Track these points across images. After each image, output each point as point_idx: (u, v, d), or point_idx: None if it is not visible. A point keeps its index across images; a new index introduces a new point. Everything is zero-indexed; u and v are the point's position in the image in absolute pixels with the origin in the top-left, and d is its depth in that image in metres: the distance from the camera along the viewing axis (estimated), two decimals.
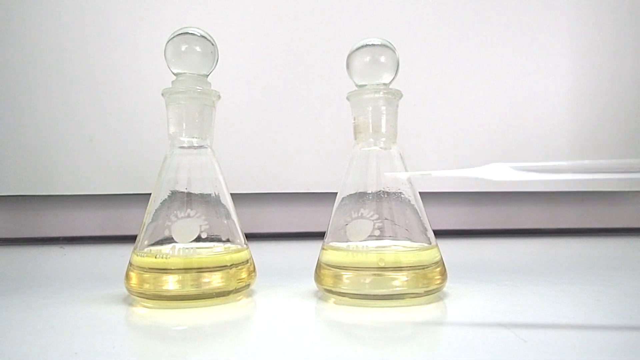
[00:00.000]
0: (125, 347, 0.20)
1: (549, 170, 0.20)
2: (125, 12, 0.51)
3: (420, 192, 0.28)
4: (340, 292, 0.25)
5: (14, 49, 0.50)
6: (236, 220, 0.28)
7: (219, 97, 0.27)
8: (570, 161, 0.20)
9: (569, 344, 0.19)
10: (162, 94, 0.27)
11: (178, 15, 0.52)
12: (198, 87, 0.26)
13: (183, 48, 0.26)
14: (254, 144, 0.53)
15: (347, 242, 0.26)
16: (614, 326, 0.22)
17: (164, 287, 0.25)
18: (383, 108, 0.27)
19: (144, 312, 0.25)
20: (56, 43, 0.50)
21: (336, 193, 0.28)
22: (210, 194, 0.27)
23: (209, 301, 0.25)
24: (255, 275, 0.28)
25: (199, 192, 0.27)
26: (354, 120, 0.28)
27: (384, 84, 0.27)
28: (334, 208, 0.28)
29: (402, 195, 0.27)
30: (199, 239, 0.26)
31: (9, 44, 0.50)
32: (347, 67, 0.27)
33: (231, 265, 0.26)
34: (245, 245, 0.28)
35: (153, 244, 0.26)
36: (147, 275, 0.25)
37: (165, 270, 0.25)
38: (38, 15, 0.50)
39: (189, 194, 0.26)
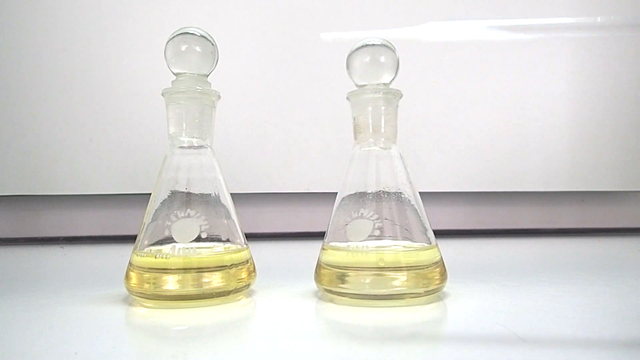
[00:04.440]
0: (125, 347, 0.20)
1: None
2: (125, 12, 0.51)
3: (420, 192, 0.28)
4: (340, 292, 0.25)
5: (14, 49, 0.50)
6: (236, 220, 0.28)
7: (219, 97, 0.27)
8: None
9: (568, 344, 0.19)
10: (162, 94, 0.27)
11: (178, 15, 0.52)
12: (198, 87, 0.26)
13: (183, 48, 0.26)
14: (254, 144, 0.53)
15: (347, 242, 0.26)
16: (613, 326, 0.22)
17: (164, 287, 0.25)
18: (383, 108, 0.27)
19: (144, 312, 0.25)
20: (56, 43, 0.50)
21: (336, 193, 0.28)
22: (210, 194, 0.27)
23: (209, 301, 0.25)
24: (255, 275, 0.28)
25: (199, 192, 0.27)
26: (354, 120, 0.28)
27: (384, 84, 0.27)
28: (334, 208, 0.28)
29: (402, 195, 0.27)
30: (199, 239, 0.26)
31: (9, 44, 0.50)
32: (347, 67, 0.27)
33: (231, 265, 0.26)
34: (245, 245, 0.28)
35: (153, 244, 0.26)
36: (147, 275, 0.25)
37: (165, 270, 0.25)
38: (38, 16, 0.50)
39: (188, 194, 0.26)
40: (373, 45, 0.27)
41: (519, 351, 0.19)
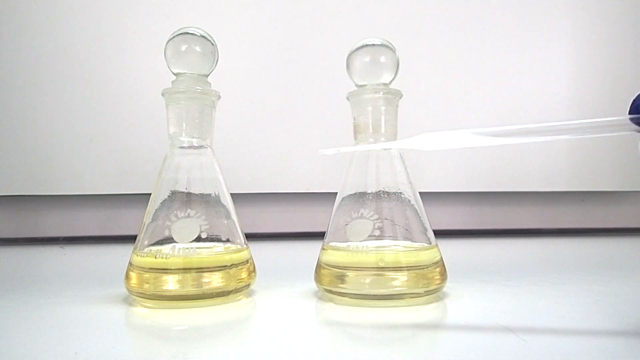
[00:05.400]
0: (125, 347, 0.20)
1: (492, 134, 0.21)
2: (126, 12, 0.51)
3: (420, 192, 0.28)
4: (340, 292, 0.25)
5: (14, 49, 0.50)
6: (236, 220, 0.28)
7: (219, 97, 0.27)
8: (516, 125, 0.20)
9: (568, 344, 0.19)
10: (162, 94, 0.27)
11: (178, 15, 0.52)
12: (198, 87, 0.26)
13: (183, 48, 0.26)
14: (254, 144, 0.53)
15: (347, 242, 0.26)
16: (613, 326, 0.22)
17: (164, 287, 0.25)
18: (383, 108, 0.27)
19: (144, 312, 0.25)
20: (56, 43, 0.50)
21: (336, 193, 0.28)
22: (210, 194, 0.27)
23: (209, 301, 0.25)
24: (255, 275, 0.28)
25: (199, 192, 0.27)
26: (354, 120, 0.28)
27: (384, 84, 0.27)
28: (334, 208, 0.28)
29: (402, 195, 0.27)
30: (199, 239, 0.26)
31: (9, 44, 0.50)
32: (347, 67, 0.27)
33: (231, 265, 0.26)
34: (245, 245, 0.28)
35: (153, 244, 0.26)
36: (147, 275, 0.25)
37: (165, 270, 0.25)
38: (38, 16, 0.50)
39: (188, 194, 0.26)
40: (373, 45, 0.27)
41: (519, 351, 0.19)
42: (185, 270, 0.25)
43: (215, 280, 0.25)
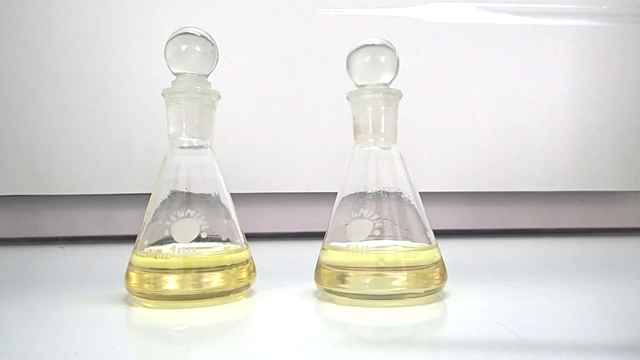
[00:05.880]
0: (125, 347, 0.20)
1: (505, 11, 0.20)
2: (126, 12, 0.51)
3: (420, 192, 0.28)
4: (340, 292, 0.25)
5: (14, 49, 0.50)
6: (236, 220, 0.28)
7: (219, 97, 0.27)
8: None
9: (568, 344, 0.19)
10: (162, 94, 0.27)
11: (178, 15, 0.52)
12: (198, 87, 0.26)
13: (183, 48, 0.26)
14: (254, 144, 0.53)
15: (347, 242, 0.26)
16: (613, 326, 0.22)
17: (164, 287, 0.25)
18: (383, 108, 0.27)
19: (144, 312, 0.25)
20: (56, 43, 0.50)
21: (336, 193, 0.28)
22: (210, 194, 0.27)
23: (209, 301, 0.25)
24: (255, 275, 0.28)
25: (199, 192, 0.27)
26: (354, 120, 0.28)
27: (384, 84, 0.27)
28: (334, 208, 0.28)
29: (402, 195, 0.27)
30: (199, 239, 0.26)
31: (9, 44, 0.50)
32: (347, 67, 0.27)
33: (231, 265, 0.26)
34: (245, 245, 0.28)
35: (153, 244, 0.26)
36: (147, 275, 0.25)
37: (165, 270, 0.25)
38: (38, 16, 0.50)
39: (188, 194, 0.26)
40: (373, 45, 0.27)
41: (519, 351, 0.19)
42: (185, 270, 0.25)
43: (215, 280, 0.25)
